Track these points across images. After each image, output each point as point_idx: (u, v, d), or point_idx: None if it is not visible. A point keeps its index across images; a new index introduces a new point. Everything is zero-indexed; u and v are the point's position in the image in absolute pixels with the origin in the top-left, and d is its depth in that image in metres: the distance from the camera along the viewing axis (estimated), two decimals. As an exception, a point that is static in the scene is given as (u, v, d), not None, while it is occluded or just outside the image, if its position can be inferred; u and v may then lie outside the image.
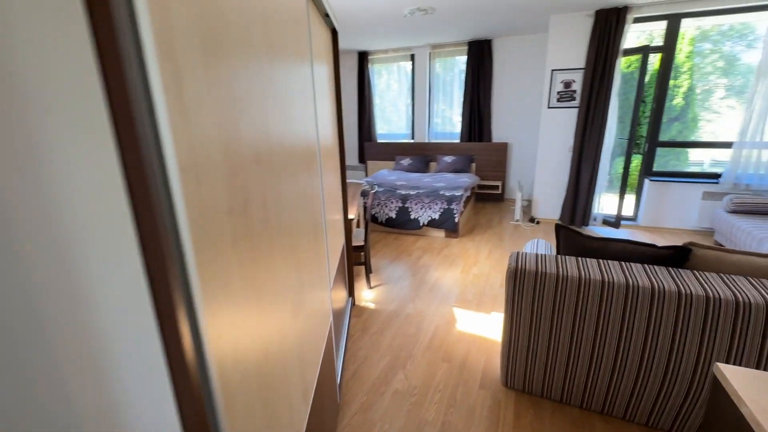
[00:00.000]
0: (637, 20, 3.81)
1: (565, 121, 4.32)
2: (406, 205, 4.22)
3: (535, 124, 5.34)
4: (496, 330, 2.41)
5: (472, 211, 5.19)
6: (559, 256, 1.72)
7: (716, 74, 4.96)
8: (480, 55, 5.28)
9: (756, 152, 3.66)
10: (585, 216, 4.32)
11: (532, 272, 1.62)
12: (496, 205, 5.55)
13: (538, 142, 4.56)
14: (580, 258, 1.68)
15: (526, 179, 5.58)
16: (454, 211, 4.01)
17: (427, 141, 6.05)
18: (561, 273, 1.57)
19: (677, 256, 1.58)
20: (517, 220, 4.63)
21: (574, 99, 4.22)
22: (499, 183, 5.55)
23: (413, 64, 5.84)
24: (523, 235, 4.20)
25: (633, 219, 4.48)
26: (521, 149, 5.53)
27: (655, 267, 1.57)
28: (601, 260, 1.65)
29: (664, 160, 4.45)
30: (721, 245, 3.64)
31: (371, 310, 2.68)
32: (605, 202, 4.26)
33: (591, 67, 3.95)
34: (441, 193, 4.22)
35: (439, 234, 4.22)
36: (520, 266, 1.65)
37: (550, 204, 4.65)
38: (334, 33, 2.16)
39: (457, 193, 4.17)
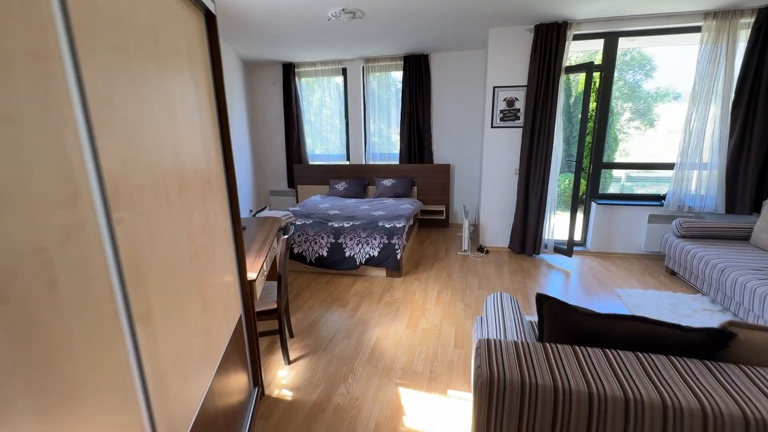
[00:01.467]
0: (577, 37, 3.62)
1: (510, 141, 4.00)
2: (340, 241, 3.54)
3: (477, 144, 5.02)
4: (454, 422, 1.79)
5: (415, 241, 4.66)
6: (547, 346, 1.15)
7: (622, 99, 5.16)
8: (417, 70, 4.88)
9: (696, 173, 3.57)
10: (536, 243, 3.98)
11: (515, 385, 1.02)
12: (440, 232, 5.09)
13: (482, 163, 4.19)
14: (580, 349, 1.13)
15: (471, 203, 5.21)
16: (396, 247, 3.41)
17: (363, 163, 5.47)
18: (561, 385, 0.99)
19: (713, 342, 1.09)
20: (465, 251, 4.17)
21: (518, 118, 3.92)
22: (442, 208, 5.11)
23: (345, 79, 5.29)
24: (473, 269, 3.73)
25: (582, 244, 4.25)
26: (464, 171, 5.17)
27: (687, 362, 1.06)
28: (609, 351, 1.11)
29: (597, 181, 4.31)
30: (674, 272, 3.46)
31: (287, 404, 1.93)
32: (554, 226, 3.96)
33: (534, 85, 3.67)
34: (380, 224, 3.61)
35: (380, 273, 3.58)
36: (495, 374, 1.04)
37: (498, 230, 4.27)
38: (209, 18, 1.46)
39: (399, 224, 3.60)
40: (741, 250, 2.98)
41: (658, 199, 3.92)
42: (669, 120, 4.93)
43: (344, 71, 5.27)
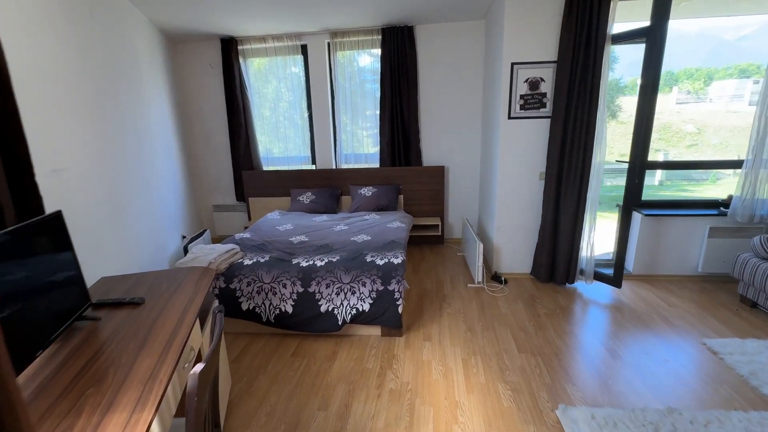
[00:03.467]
0: (624, -6, 2.70)
1: (534, 135, 3.03)
2: (312, 290, 2.39)
3: (476, 141, 4.03)
4: None
5: (409, 266, 3.60)
6: None
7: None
8: (399, 46, 3.79)
9: (765, 171, 2.79)
10: (569, 268, 3.05)
11: None
12: (436, 251, 4.06)
13: (496, 165, 3.19)
14: None
15: (471, 214, 4.22)
16: (396, 295, 2.32)
17: (334, 167, 4.31)
18: None
19: None
20: (479, 282, 3.16)
21: (544, 105, 2.95)
22: (437, 221, 4.08)
23: (306, 59, 4.09)
24: (496, 311, 2.72)
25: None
26: (462, 175, 4.17)
27: None
28: None
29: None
30: (755, 303, 2.65)
31: None
32: (593, 245, 3.05)
33: (569, 59, 2.71)
34: (369, 259, 2.50)
35: (373, 332, 2.48)
36: None
37: (517, 251, 3.30)
38: None
39: (397, 259, 2.49)
40: None
41: (715, 206, 3.13)
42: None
43: (304, 49, 4.06)
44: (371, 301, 2.33)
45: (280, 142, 4.42)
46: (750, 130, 2.79)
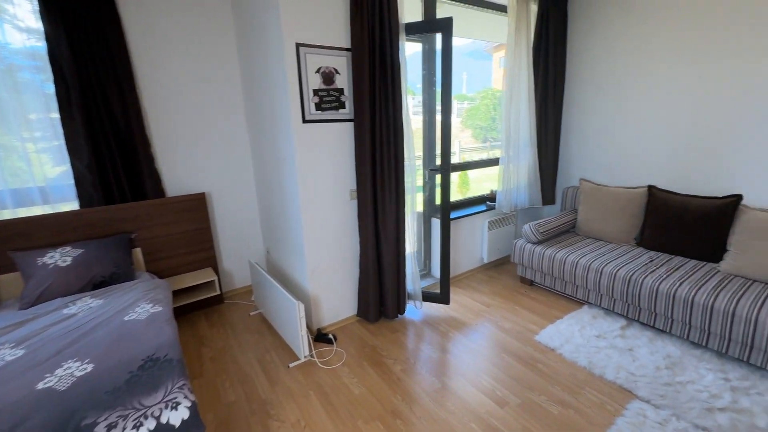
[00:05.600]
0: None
1: (338, 144, 2.32)
2: None
3: (245, 152, 2.96)
4: None
5: (193, 366, 2.15)
6: None
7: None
8: (86, 19, 2.15)
9: (514, 167, 3.27)
10: (399, 298, 2.60)
11: None
12: (218, 319, 2.73)
13: (294, 185, 2.30)
14: None
15: (256, 252, 3.13)
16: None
17: (-40, 221, 2.11)
18: None
19: None
20: (307, 356, 2.20)
21: (343, 105, 2.29)
22: (209, 274, 2.75)
23: None
24: (346, 391, 1.90)
25: (425, 275, 3.25)
26: (233, 201, 2.98)
27: None
28: None
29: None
30: (532, 282, 3.06)
31: None
32: (416, 267, 2.72)
33: (365, 49, 2.15)
34: (104, 441, 1.08)
35: None
36: None
37: (336, 293, 2.55)
38: None
39: (176, 412, 1.20)
40: (591, 245, 2.84)
41: (482, 201, 3.48)
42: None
43: None
44: None
45: None
46: (504, 131, 3.17)
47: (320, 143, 2.25)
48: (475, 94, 7.02)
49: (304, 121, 2.15)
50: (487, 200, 3.44)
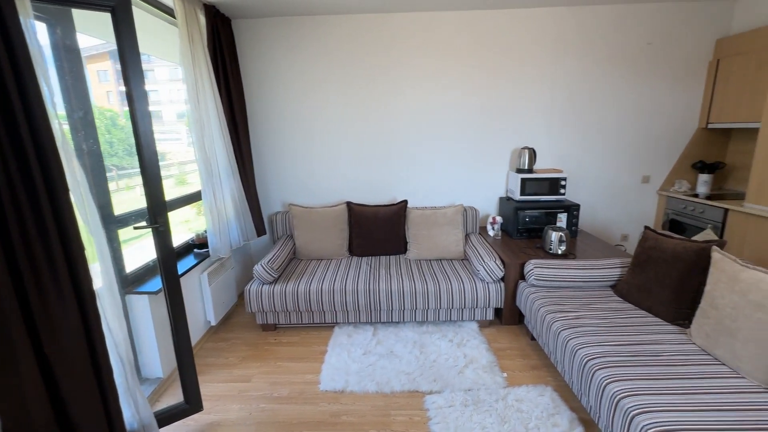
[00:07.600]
0: None
1: None
2: None
3: None
4: None
5: None
6: None
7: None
8: None
9: (219, 200, 2.73)
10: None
11: None
12: None
13: None
14: None
15: None
16: None
17: None
18: None
19: None
20: None
21: None
22: None
23: None
24: None
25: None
26: None
27: None
28: None
29: None
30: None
31: None
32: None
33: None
34: None
35: None
36: None
37: None
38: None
39: None
40: (320, 267, 2.88)
41: (188, 251, 2.67)
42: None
43: None
44: None
45: None
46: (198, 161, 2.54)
47: None
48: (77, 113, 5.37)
49: None
50: (195, 247, 2.70)
